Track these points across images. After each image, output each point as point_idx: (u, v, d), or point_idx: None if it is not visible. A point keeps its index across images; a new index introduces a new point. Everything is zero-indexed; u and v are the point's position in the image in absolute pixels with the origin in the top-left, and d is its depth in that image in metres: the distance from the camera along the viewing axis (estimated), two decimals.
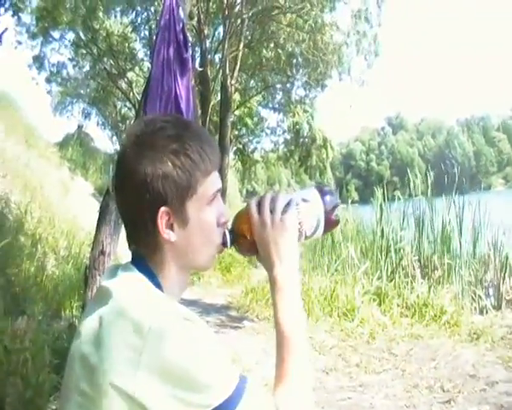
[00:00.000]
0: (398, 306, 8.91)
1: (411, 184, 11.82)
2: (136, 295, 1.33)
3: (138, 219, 1.41)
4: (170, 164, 1.38)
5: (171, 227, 1.41)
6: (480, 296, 9.42)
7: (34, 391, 3.02)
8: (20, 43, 22.32)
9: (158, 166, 1.37)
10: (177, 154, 1.39)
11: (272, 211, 1.51)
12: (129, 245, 1.50)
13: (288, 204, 1.52)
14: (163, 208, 1.38)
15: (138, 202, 1.39)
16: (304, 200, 1.56)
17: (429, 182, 11.34)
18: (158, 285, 1.40)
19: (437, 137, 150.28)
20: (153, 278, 1.41)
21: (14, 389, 2.85)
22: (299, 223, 1.53)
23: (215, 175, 1.48)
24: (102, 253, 5.92)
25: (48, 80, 28.96)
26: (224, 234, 1.50)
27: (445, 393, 5.72)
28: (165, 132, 1.41)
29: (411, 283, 9.58)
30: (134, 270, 1.42)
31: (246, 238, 1.53)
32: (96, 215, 6.35)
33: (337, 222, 1.63)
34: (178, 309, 1.30)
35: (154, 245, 1.42)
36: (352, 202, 16.26)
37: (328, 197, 1.58)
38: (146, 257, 1.44)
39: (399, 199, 13.08)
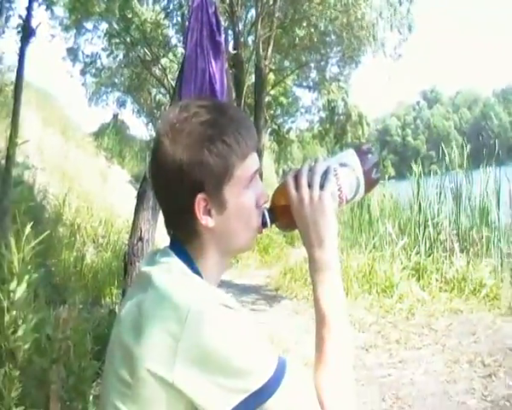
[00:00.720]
0: (436, 281, 8.86)
1: (448, 158, 11.70)
2: (175, 281, 1.34)
3: (176, 205, 1.42)
4: (206, 151, 1.37)
5: (208, 213, 1.40)
6: None
7: (77, 378, 3.09)
8: (53, 36, 22.36)
9: (194, 153, 1.37)
10: (213, 140, 1.38)
11: (310, 185, 1.48)
12: (168, 231, 1.51)
13: (326, 173, 1.49)
14: (200, 195, 1.38)
15: (175, 188, 1.39)
16: (342, 164, 1.52)
17: (466, 155, 11.21)
18: (196, 271, 1.41)
19: (473, 109, 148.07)
20: (191, 263, 1.41)
21: (57, 377, 2.91)
22: (339, 189, 1.50)
23: (252, 157, 1.46)
24: (141, 239, 5.97)
25: (82, 72, 29.09)
26: (263, 214, 1.49)
27: (486, 367, 5.68)
28: (199, 118, 1.40)
29: (450, 257, 9.49)
30: (173, 256, 1.42)
31: (285, 215, 1.51)
32: (134, 202, 6.40)
33: (377, 180, 1.59)
34: (216, 295, 1.31)
35: (192, 231, 1.43)
36: (389, 178, 16.12)
37: (366, 156, 1.54)
38: (185, 243, 1.44)
39: (436, 173, 12.94)
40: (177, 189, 1.39)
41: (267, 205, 1.52)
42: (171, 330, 1.22)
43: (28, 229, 2.33)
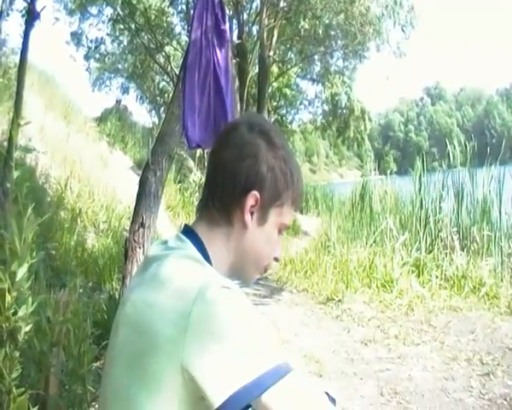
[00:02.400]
0: (436, 277, 8.85)
1: (450, 155, 11.68)
2: (187, 266, 1.37)
3: (231, 184, 1.46)
4: (279, 164, 1.47)
5: (251, 214, 1.47)
6: None
7: (76, 362, 3.08)
8: (57, 19, 22.31)
9: (270, 155, 1.46)
10: (286, 163, 1.50)
11: None
12: (197, 209, 1.55)
13: None
14: (255, 192, 1.44)
15: (242, 170, 1.45)
16: None
17: (468, 153, 11.20)
18: (208, 258, 1.44)
19: (476, 107, 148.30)
20: (204, 251, 1.45)
21: (57, 360, 2.91)
22: None
23: (292, 213, 1.57)
24: (142, 225, 5.96)
25: (86, 57, 29.08)
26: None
27: (484, 366, 5.68)
28: (281, 137, 1.54)
29: (450, 254, 9.48)
30: (187, 242, 1.46)
31: None
32: (135, 189, 6.39)
33: None
34: (226, 281, 1.32)
35: (226, 218, 1.48)
36: (391, 173, 16.12)
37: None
38: (209, 225, 1.50)
39: (438, 170, 12.92)
40: (243, 172, 1.45)
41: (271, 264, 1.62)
42: (181, 310, 1.24)
43: (29, 211, 2.31)
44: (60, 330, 2.82)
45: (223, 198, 1.48)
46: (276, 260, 1.60)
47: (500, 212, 10.31)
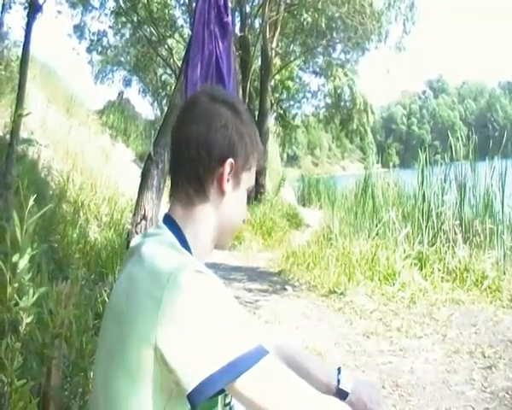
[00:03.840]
0: (439, 270, 8.83)
1: (453, 148, 11.66)
2: (161, 251, 1.39)
3: (207, 156, 1.47)
4: (245, 129, 1.52)
5: (227, 181, 1.50)
6: None
7: (78, 354, 3.09)
8: (60, 12, 22.25)
9: (238, 122, 1.50)
10: (251, 127, 1.56)
11: None
12: (170, 194, 1.56)
13: None
14: (231, 160, 1.48)
15: (215, 140, 1.47)
16: None
17: (471, 146, 11.18)
18: (185, 242, 1.46)
19: (478, 100, 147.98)
20: (180, 235, 1.47)
21: (58, 352, 2.91)
22: None
23: (254, 174, 1.61)
24: (144, 218, 5.98)
25: (88, 50, 29.09)
26: None
27: (486, 359, 5.68)
28: (241, 104, 1.58)
29: (453, 247, 9.47)
30: (164, 228, 1.48)
31: None
32: (138, 181, 6.40)
33: None
34: (199, 266, 1.34)
35: (201, 194, 1.50)
36: (393, 166, 16.10)
37: None
38: (183, 206, 1.51)
39: (441, 163, 12.90)
40: (218, 141, 1.47)
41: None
42: (154, 295, 1.26)
43: (31, 202, 2.31)
44: (62, 322, 2.82)
45: (199, 172, 1.48)
46: (243, 221, 1.65)
47: (502, 205, 10.29)
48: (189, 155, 1.48)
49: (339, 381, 1.78)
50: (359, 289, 8.45)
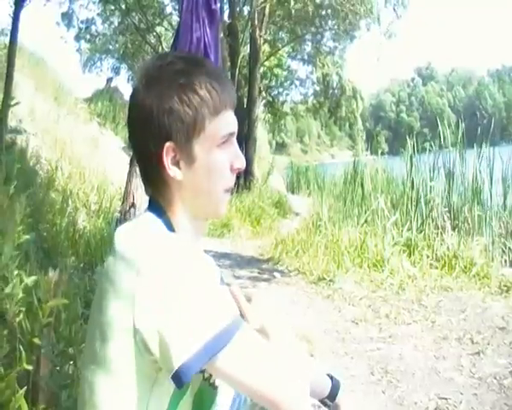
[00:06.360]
0: (427, 257, 8.86)
1: (441, 136, 11.68)
2: (138, 230, 1.40)
3: (146, 153, 1.43)
4: (176, 99, 1.38)
5: (177, 165, 1.41)
6: (510, 248, 9.32)
7: (67, 342, 3.09)
8: (48, 0, 22.16)
9: (164, 100, 1.37)
10: (184, 89, 1.39)
11: None
12: (145, 186, 1.54)
13: None
14: (168, 144, 1.39)
15: (145, 135, 1.40)
16: None
17: (460, 133, 11.20)
18: (167, 222, 1.43)
19: (467, 87, 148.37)
20: (161, 216, 1.43)
21: (47, 341, 2.91)
22: None
23: (228, 116, 1.46)
24: (133, 205, 5.98)
25: (77, 38, 28.93)
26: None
27: (474, 345, 5.71)
28: (173, 67, 1.41)
29: (441, 234, 9.49)
30: (146, 212, 1.46)
31: None
32: (126, 169, 6.38)
33: None
34: (175, 243, 1.34)
35: (161, 182, 1.44)
36: (382, 154, 16.12)
37: None
38: (156, 195, 1.46)
39: (429, 151, 12.92)
40: (148, 135, 1.40)
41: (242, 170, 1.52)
42: (129, 278, 1.26)
43: (17, 191, 2.30)
44: (51, 311, 2.82)
45: (147, 171, 1.47)
46: (239, 169, 1.49)
47: (491, 192, 10.35)
48: (136, 155, 1.49)
49: None
50: (348, 276, 8.47)
